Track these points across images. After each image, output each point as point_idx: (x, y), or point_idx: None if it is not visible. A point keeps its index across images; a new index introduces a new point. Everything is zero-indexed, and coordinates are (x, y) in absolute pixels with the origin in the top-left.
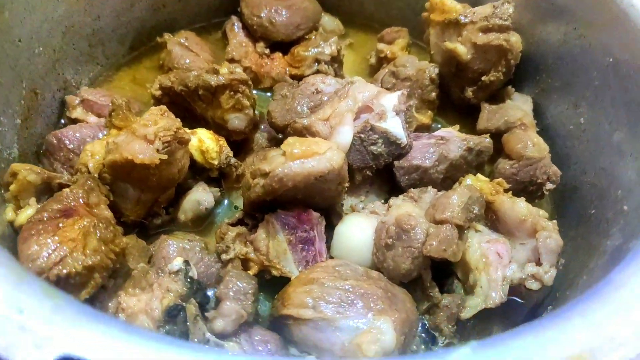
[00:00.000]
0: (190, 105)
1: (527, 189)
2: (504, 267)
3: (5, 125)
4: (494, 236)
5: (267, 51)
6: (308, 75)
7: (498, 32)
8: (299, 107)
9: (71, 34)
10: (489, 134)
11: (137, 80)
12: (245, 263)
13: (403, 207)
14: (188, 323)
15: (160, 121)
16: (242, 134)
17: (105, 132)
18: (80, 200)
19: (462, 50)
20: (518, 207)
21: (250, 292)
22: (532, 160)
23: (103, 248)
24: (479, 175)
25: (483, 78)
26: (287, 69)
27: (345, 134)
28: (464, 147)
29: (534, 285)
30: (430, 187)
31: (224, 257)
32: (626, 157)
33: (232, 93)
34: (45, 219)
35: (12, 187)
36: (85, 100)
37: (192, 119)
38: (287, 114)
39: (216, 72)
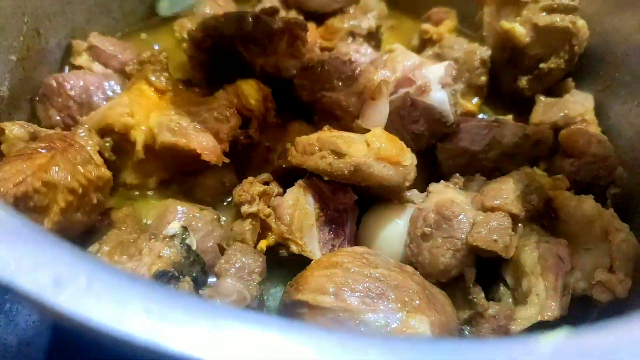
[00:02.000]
0: (236, 50)
1: (587, 192)
2: (566, 274)
3: None
4: (553, 237)
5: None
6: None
7: (563, 13)
8: (328, 81)
9: None
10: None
11: (152, 41)
12: (263, 229)
13: (445, 193)
14: None
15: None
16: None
17: (111, 83)
18: (66, 140)
19: (520, 31)
20: (585, 206)
21: (256, 270)
22: (595, 158)
23: (69, 167)
24: (535, 169)
25: (541, 65)
26: (318, 41)
27: (381, 110)
28: (519, 134)
29: (603, 296)
30: (478, 175)
31: (244, 209)
32: None
33: (291, 39)
34: (21, 153)
35: (2, 147)
36: (93, 47)
37: (234, 67)
38: (315, 86)
39: (275, 12)
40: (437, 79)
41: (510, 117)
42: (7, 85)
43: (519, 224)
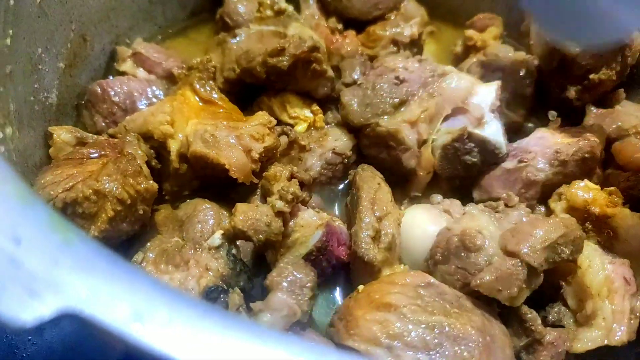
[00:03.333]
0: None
1: None
2: (632, 297)
3: (46, 64)
4: (613, 257)
5: (339, 27)
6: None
7: None
8: (380, 104)
9: None
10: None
11: (193, 49)
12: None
13: (477, 219)
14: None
15: (267, 139)
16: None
17: (154, 89)
18: (116, 148)
19: None
20: None
21: (308, 285)
22: None
23: (120, 178)
24: (587, 182)
25: (591, 76)
26: (360, 48)
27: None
28: (555, 164)
29: None
30: (522, 205)
31: (279, 205)
32: None
33: (305, 65)
34: (71, 157)
35: (50, 150)
36: (138, 53)
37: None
38: (366, 109)
39: (281, 52)
40: (489, 106)
41: (557, 122)
42: (56, 92)
43: (540, 274)
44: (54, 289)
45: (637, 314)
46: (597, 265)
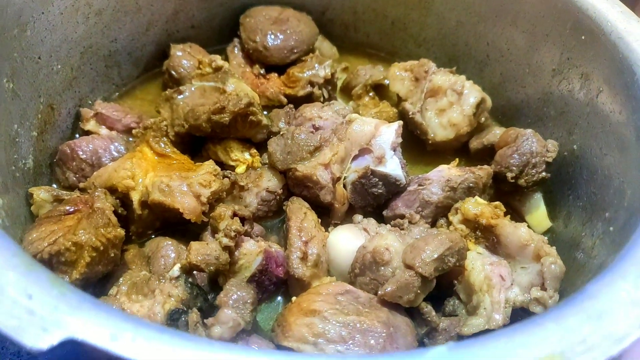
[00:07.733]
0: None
1: (530, 163)
2: (507, 290)
3: (22, 136)
4: (495, 259)
5: (262, 71)
6: (301, 95)
7: None
8: (299, 152)
9: (89, 55)
10: (485, 166)
11: (148, 100)
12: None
13: (385, 238)
14: (189, 330)
15: (214, 184)
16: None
17: (116, 145)
18: (87, 203)
19: None
20: (520, 232)
21: (249, 301)
22: (526, 134)
23: (93, 230)
24: (477, 198)
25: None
26: (282, 89)
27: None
28: (446, 189)
29: (537, 309)
30: (422, 222)
31: (225, 241)
32: (614, 181)
33: (243, 118)
34: (51, 215)
35: (32, 208)
36: (99, 113)
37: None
38: (287, 157)
39: (222, 110)
40: (389, 144)
41: (455, 161)
42: (32, 157)
43: (433, 281)
44: (57, 326)
45: (511, 303)
46: (478, 267)
